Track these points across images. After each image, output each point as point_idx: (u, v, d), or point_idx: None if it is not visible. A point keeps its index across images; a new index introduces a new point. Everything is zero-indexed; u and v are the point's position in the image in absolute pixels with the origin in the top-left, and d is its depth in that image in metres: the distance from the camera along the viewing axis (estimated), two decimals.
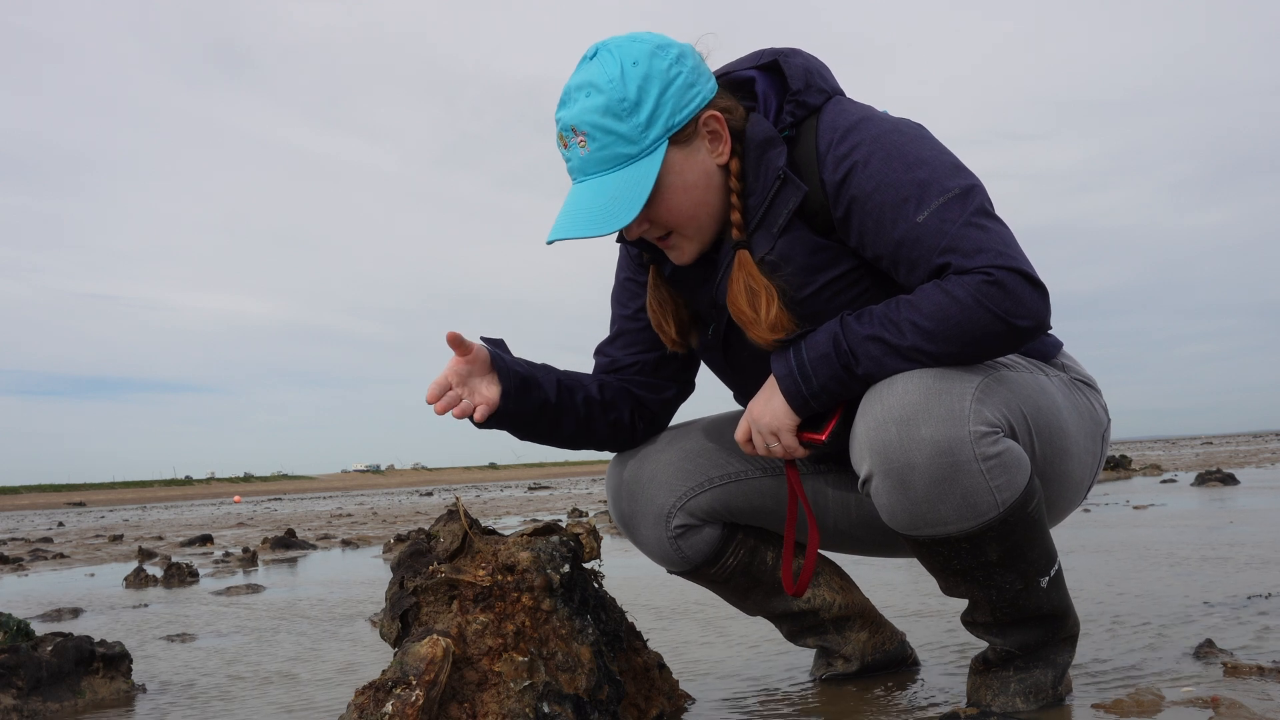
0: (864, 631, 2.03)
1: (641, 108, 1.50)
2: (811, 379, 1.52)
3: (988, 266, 1.42)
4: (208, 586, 5.25)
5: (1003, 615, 1.60)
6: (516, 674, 1.52)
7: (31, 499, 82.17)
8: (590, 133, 1.51)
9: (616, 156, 1.52)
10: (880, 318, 1.48)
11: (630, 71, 1.50)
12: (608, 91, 1.50)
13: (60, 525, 18.41)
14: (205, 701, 2.34)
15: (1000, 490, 1.47)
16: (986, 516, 1.48)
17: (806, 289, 1.58)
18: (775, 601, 1.96)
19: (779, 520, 1.89)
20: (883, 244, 1.51)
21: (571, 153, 1.55)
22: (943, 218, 1.46)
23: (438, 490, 39.78)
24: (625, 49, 1.52)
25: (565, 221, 1.54)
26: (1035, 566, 1.56)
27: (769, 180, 1.57)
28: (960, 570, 1.55)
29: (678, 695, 1.88)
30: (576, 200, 1.55)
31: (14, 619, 2.44)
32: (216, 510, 24.64)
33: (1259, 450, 20.14)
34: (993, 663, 1.67)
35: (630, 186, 1.52)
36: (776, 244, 1.58)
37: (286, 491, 75.88)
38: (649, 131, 1.51)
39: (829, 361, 1.50)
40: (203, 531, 11.52)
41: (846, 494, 1.86)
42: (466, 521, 1.68)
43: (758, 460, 1.86)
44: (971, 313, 1.42)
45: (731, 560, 1.89)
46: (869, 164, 1.51)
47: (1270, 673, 1.79)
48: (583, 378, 1.83)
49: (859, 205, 1.51)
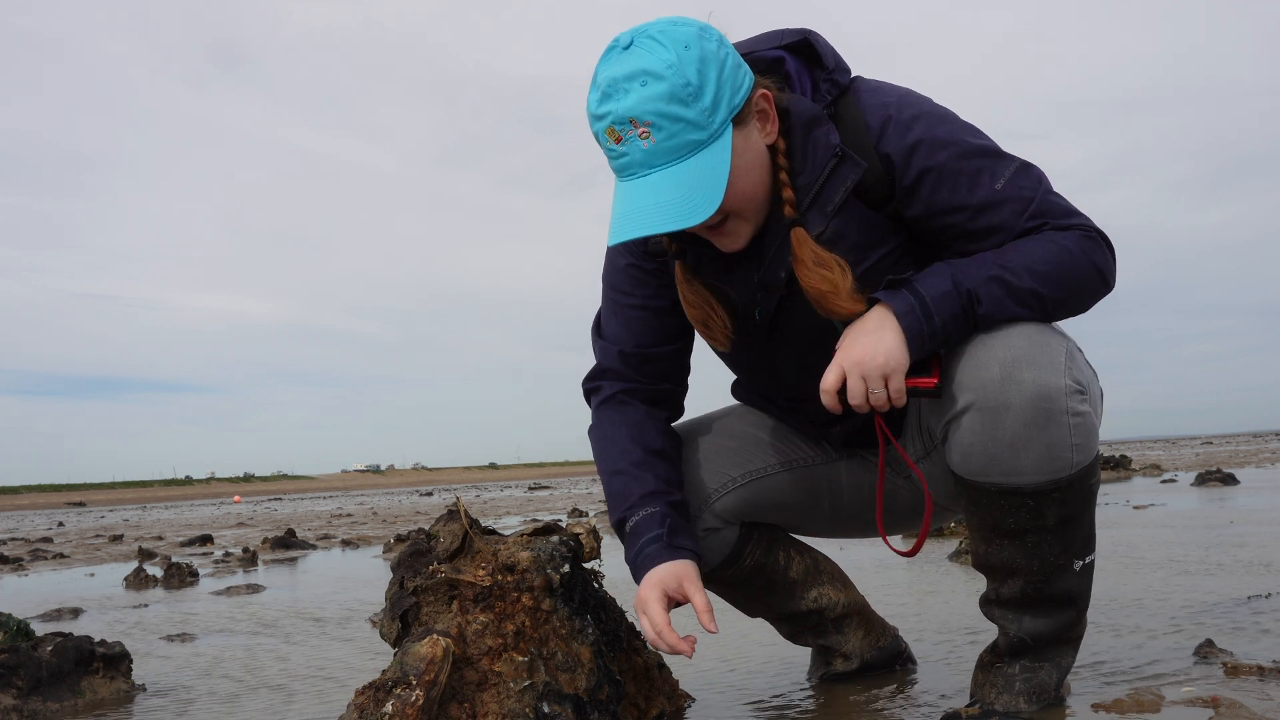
0: (861, 629, 2.04)
1: (704, 91, 1.44)
2: (934, 316, 1.48)
3: (1083, 225, 1.53)
4: (208, 587, 5.25)
5: (1032, 592, 1.60)
6: (516, 674, 1.52)
7: (31, 499, 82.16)
8: (656, 122, 1.43)
9: (686, 144, 1.45)
10: (993, 263, 1.49)
11: (685, 55, 1.43)
12: (669, 78, 1.42)
13: (60, 525, 18.42)
14: (205, 701, 2.34)
15: (1078, 450, 1.50)
16: (1060, 474, 1.50)
17: (860, 266, 1.58)
18: (783, 602, 1.96)
19: (797, 515, 1.89)
20: (957, 211, 1.53)
21: (629, 146, 1.45)
22: (1019, 185, 1.53)
23: (438, 490, 39.78)
24: (671, 33, 1.45)
25: (640, 218, 1.46)
26: (1079, 544, 1.58)
27: (822, 158, 1.55)
28: (1012, 531, 1.55)
29: (678, 695, 1.88)
30: (647, 194, 1.46)
31: (14, 619, 2.44)
32: (216, 510, 24.64)
33: (1259, 450, 20.14)
34: (1002, 653, 1.67)
35: (707, 173, 1.46)
36: (831, 222, 1.57)
37: (286, 491, 75.87)
38: (714, 115, 1.45)
39: (951, 300, 1.48)
40: (203, 531, 11.52)
41: (859, 478, 1.87)
42: (466, 521, 1.68)
43: (775, 454, 1.85)
44: (1079, 262, 1.50)
45: (749, 561, 1.87)
46: (935, 135, 1.53)
47: (1270, 673, 1.79)
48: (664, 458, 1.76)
49: (932, 175, 1.53)
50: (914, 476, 1.81)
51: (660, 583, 1.60)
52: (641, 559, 1.65)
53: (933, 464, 1.76)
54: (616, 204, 1.49)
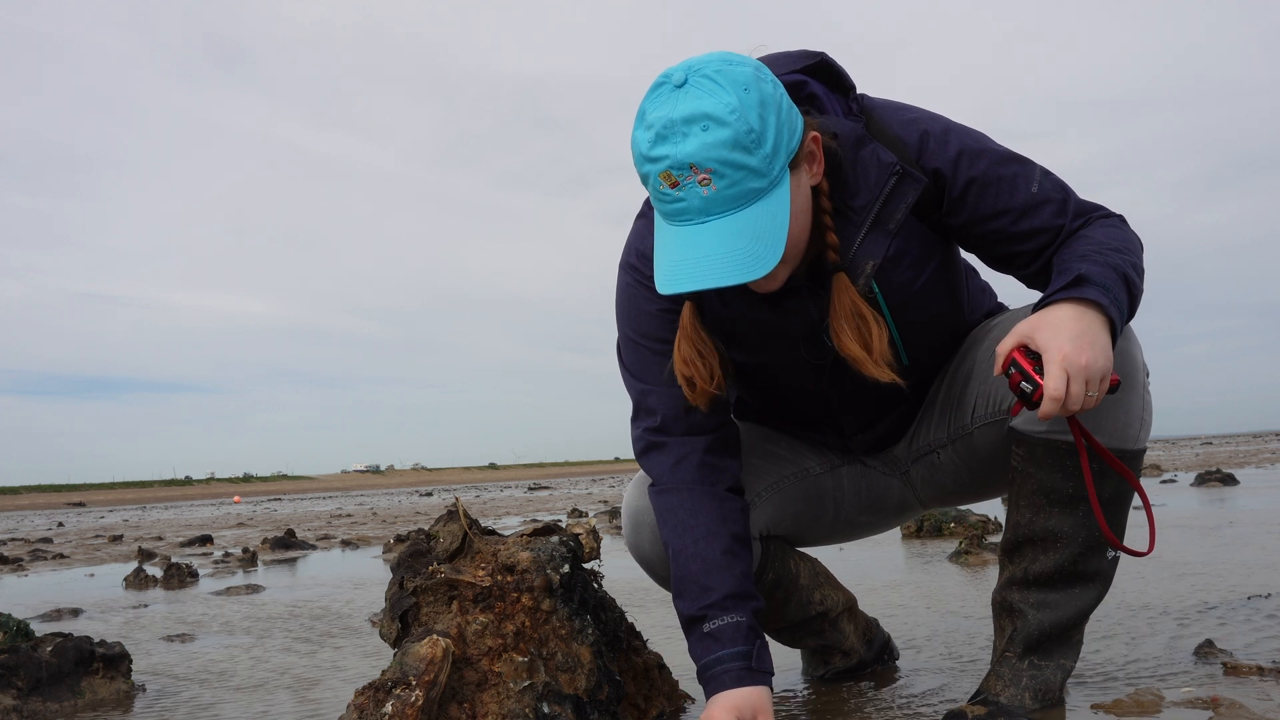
0: (853, 624, 2.06)
1: (765, 138, 1.39)
2: (1121, 305, 1.43)
3: (1115, 214, 1.59)
4: (207, 587, 5.25)
5: (1068, 566, 1.62)
6: (516, 674, 1.52)
7: (31, 499, 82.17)
8: (718, 169, 1.37)
9: (747, 193, 1.39)
10: (1103, 248, 1.49)
11: (746, 99, 1.38)
12: (733, 124, 1.36)
13: (60, 525, 18.42)
14: (205, 702, 2.34)
15: (1144, 426, 1.58)
16: (1128, 445, 1.56)
17: (920, 280, 1.61)
18: (796, 610, 1.95)
19: (805, 523, 1.89)
20: (1002, 215, 1.57)
21: (688, 192, 1.39)
22: (1049, 187, 1.57)
23: (437, 490, 39.78)
24: (729, 74, 1.39)
25: (702, 268, 1.40)
26: (1118, 529, 1.63)
27: (879, 177, 1.55)
28: (1068, 498, 1.59)
29: (677, 695, 1.88)
30: (706, 244, 1.40)
31: (14, 619, 2.44)
32: (216, 510, 24.64)
33: (1259, 450, 20.14)
34: (1013, 645, 1.67)
35: (768, 223, 1.41)
36: (894, 241, 1.57)
37: (286, 492, 75.88)
38: (775, 162, 1.41)
39: (1119, 287, 1.44)
40: (202, 532, 11.52)
41: (858, 483, 1.89)
42: (466, 522, 1.68)
43: (787, 464, 1.86)
44: (1138, 242, 1.56)
45: (771, 574, 1.85)
46: (970, 145, 1.57)
47: (1270, 673, 1.79)
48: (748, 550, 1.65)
49: (977, 183, 1.56)
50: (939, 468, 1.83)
51: (736, 709, 1.52)
52: (718, 673, 1.56)
53: (954, 452, 1.78)
54: (669, 249, 1.43)
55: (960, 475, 1.82)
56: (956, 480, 1.83)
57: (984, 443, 1.74)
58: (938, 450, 1.81)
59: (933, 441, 1.81)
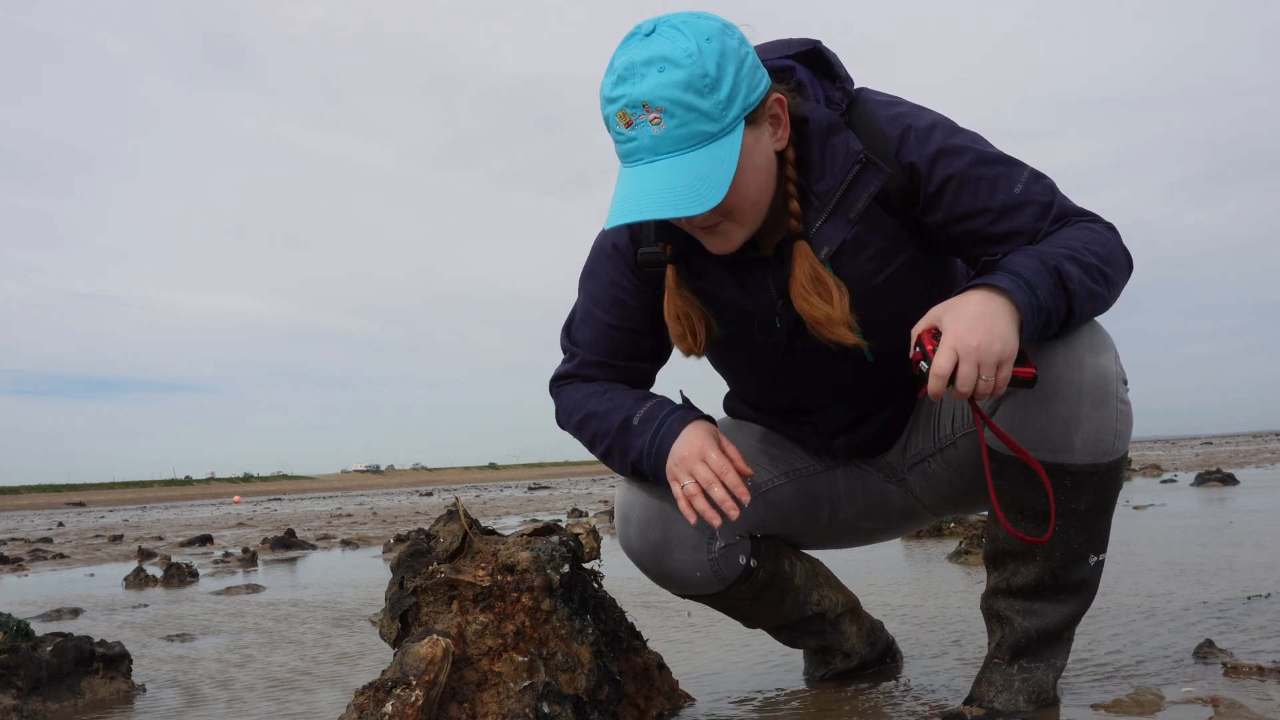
0: (855, 625, 2.06)
1: (721, 84, 1.42)
2: (1039, 293, 1.43)
3: (1101, 219, 1.57)
4: (207, 587, 5.25)
5: (1048, 579, 1.62)
6: (516, 674, 1.52)
7: (31, 499, 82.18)
8: (669, 109, 1.41)
9: (696, 135, 1.43)
10: (1056, 246, 1.49)
11: (706, 47, 1.42)
12: (687, 66, 1.40)
13: (60, 525, 18.41)
14: (205, 702, 2.34)
15: (1119, 438, 1.55)
16: (1103, 459, 1.55)
17: (882, 274, 1.59)
18: (791, 609, 1.95)
19: (799, 525, 1.89)
20: (979, 215, 1.55)
21: (639, 131, 1.43)
22: (1035, 190, 1.55)
23: (437, 490, 39.79)
24: (694, 24, 1.44)
25: (642, 201, 1.43)
26: (1100, 536, 1.62)
27: (843, 164, 1.55)
28: (1043, 514, 1.57)
29: (677, 695, 1.88)
30: (651, 179, 1.44)
31: (14, 619, 2.44)
32: (216, 510, 24.64)
33: (1259, 450, 20.14)
34: (1001, 651, 1.68)
35: (714, 166, 1.44)
36: (854, 229, 1.57)
37: (286, 492, 75.90)
38: (728, 110, 1.43)
39: (1044, 277, 1.44)
40: (202, 532, 11.51)
41: (854, 486, 1.89)
42: (466, 522, 1.68)
43: (779, 465, 1.86)
44: (1116, 246, 1.54)
45: (761, 573, 1.85)
46: (953, 143, 1.56)
47: (1270, 673, 1.79)
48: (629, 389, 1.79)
49: (955, 181, 1.55)
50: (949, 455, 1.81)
51: (709, 432, 1.62)
52: (666, 429, 1.64)
53: (943, 462, 1.78)
54: (618, 188, 1.48)
55: (955, 484, 1.80)
56: (953, 488, 1.81)
57: (968, 453, 1.74)
58: (928, 459, 1.81)
59: (922, 450, 1.81)
